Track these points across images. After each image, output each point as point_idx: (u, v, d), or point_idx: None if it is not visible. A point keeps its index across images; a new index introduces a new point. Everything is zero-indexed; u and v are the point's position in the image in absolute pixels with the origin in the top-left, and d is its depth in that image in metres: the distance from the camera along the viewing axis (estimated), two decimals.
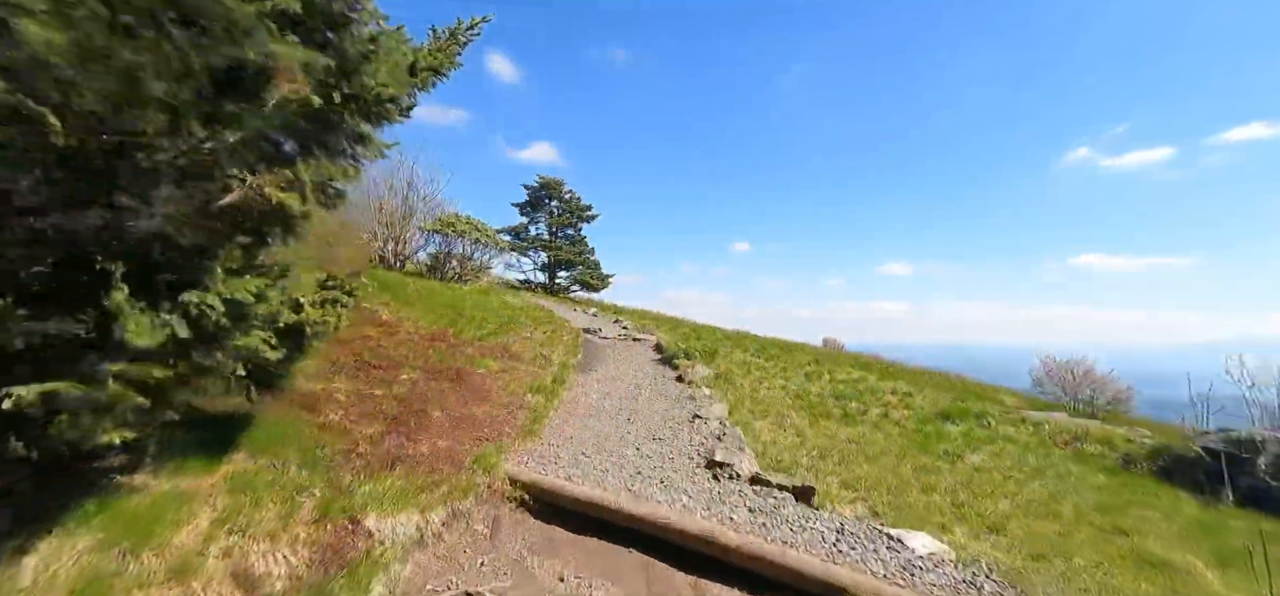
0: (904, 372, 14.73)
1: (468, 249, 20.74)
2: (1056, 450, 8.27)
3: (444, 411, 5.56)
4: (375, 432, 4.56)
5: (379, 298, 10.92)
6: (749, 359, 12.46)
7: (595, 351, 11.93)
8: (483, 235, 20.08)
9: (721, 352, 11.58)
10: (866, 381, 10.95)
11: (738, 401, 8.13)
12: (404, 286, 14.36)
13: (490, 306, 14.69)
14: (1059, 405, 13.09)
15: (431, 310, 10.85)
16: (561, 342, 11.26)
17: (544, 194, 30.74)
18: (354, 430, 4.48)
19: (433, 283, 18.02)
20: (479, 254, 21.27)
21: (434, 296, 13.71)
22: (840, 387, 10.21)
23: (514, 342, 9.98)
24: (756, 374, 10.47)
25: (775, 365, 11.95)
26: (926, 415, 9.04)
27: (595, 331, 14.64)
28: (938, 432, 8.26)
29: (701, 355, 10.75)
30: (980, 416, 9.10)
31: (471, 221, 19.99)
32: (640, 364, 10.82)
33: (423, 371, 6.61)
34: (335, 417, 4.59)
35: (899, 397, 10.05)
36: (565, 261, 30.10)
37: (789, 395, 9.19)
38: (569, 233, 30.88)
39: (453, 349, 8.20)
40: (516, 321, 12.61)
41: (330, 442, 4.18)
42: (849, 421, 8.23)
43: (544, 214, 30.88)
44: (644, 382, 9.14)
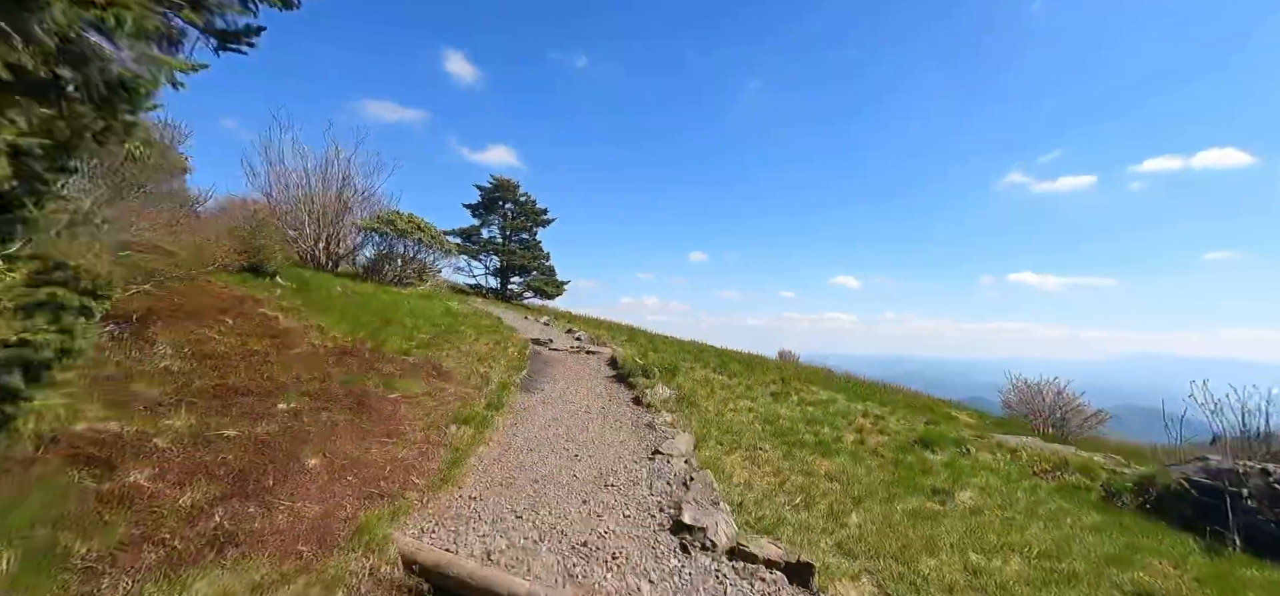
0: (872, 391, 14.08)
1: (410, 250, 18.84)
2: (1041, 483, 7.55)
3: (326, 456, 4.10)
4: (199, 500, 3.08)
5: (288, 301, 9.18)
6: (711, 375, 11.38)
7: (544, 366, 10.55)
8: (427, 235, 18.26)
9: (682, 369, 10.43)
10: (836, 402, 10.06)
11: (703, 430, 6.97)
12: (329, 289, 12.54)
13: (429, 313, 13.04)
14: (1021, 424, 12.72)
15: (352, 317, 9.20)
16: (505, 356, 9.82)
17: (498, 195, 28.97)
18: (164, 498, 2.99)
19: (368, 286, 16.12)
20: (423, 255, 19.40)
21: (363, 301, 11.97)
22: (810, 410, 9.25)
23: (448, 357, 8.48)
24: (721, 394, 9.37)
25: (739, 383, 10.92)
26: (904, 441, 8.17)
27: (546, 342, 13.23)
28: (920, 463, 7.37)
29: (661, 372, 9.57)
30: (958, 443, 8.32)
31: (414, 219, 18.15)
32: (593, 382, 9.53)
33: (313, 398, 5.10)
34: (141, 478, 3.09)
35: (872, 420, 9.18)
36: (519, 266, 28.40)
37: (758, 420, 8.13)
38: (523, 236, 29.20)
39: (366, 366, 6.66)
40: (456, 331, 11.06)
41: (112, 524, 2.70)
42: (825, 451, 7.23)
43: (497, 216, 29.10)
44: (597, 405, 7.85)
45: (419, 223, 18.17)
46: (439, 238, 18.66)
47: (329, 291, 12.12)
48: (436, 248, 18.88)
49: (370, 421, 5.03)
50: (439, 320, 11.95)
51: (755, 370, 14.91)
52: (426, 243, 18.42)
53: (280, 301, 8.90)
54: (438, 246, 18.81)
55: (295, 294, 10.25)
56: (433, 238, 18.40)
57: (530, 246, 28.99)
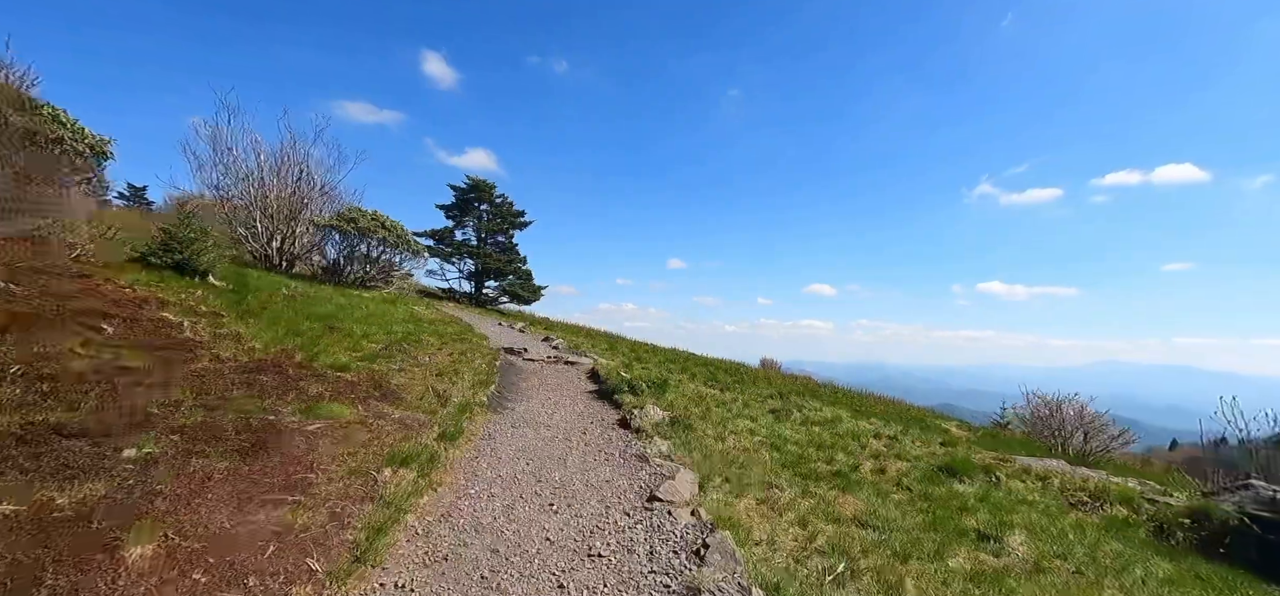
0: (872, 405, 13.06)
1: (374, 250, 17.15)
2: (1085, 518, 6.49)
3: (172, 536, 2.68)
4: None
5: (210, 304, 7.60)
6: (703, 390, 10.13)
7: (516, 380, 9.14)
8: (392, 235, 16.61)
9: (672, 383, 9.14)
10: (843, 422, 8.91)
11: (706, 463, 5.67)
12: (274, 291, 10.89)
13: (389, 319, 11.48)
14: (1032, 443, 11.79)
15: (287, 324, 7.65)
16: (471, 369, 8.37)
17: (473, 196, 27.35)
18: None
19: (325, 289, 14.43)
20: (389, 256, 17.72)
21: (308, 305, 10.36)
22: (817, 431, 8.07)
23: (399, 372, 7.01)
24: (717, 412, 8.11)
25: (735, 398, 9.68)
26: (927, 469, 7.04)
27: (520, 352, 11.80)
28: (951, 497, 6.23)
29: (649, 388, 8.27)
30: (986, 470, 7.23)
31: (378, 217, 16.49)
32: (573, 399, 8.17)
33: (187, 437, 3.64)
34: None
35: (886, 443, 8.05)
36: (494, 270, 26.80)
37: (764, 445, 6.88)
38: (500, 239, 27.62)
39: (286, 386, 5.19)
40: (417, 339, 9.56)
41: None
42: (845, 483, 6.02)
43: (472, 218, 27.47)
44: (576, 430, 6.49)
45: (384, 221, 16.52)
46: (406, 237, 17.03)
47: (271, 294, 10.48)
48: (403, 248, 17.24)
49: (266, 469, 3.59)
50: (398, 327, 10.42)
51: (747, 383, 13.73)
52: (392, 243, 16.77)
53: (198, 304, 7.31)
54: (405, 247, 17.17)
55: (226, 296, 8.62)
56: (399, 237, 16.76)
57: (506, 250, 27.43)
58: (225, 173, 15.90)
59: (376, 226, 16.10)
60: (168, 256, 9.45)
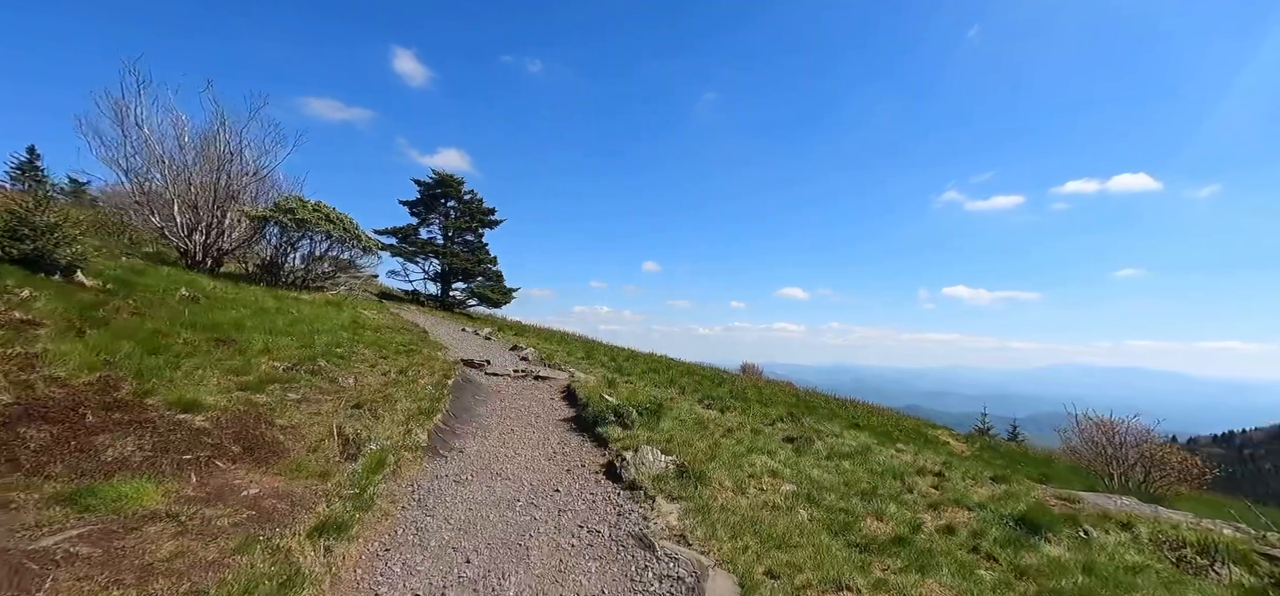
0: (882, 421, 11.51)
1: (318, 246, 14.72)
2: (1209, 588, 4.92)
3: None
4: None
5: (40, 308, 5.33)
6: (701, 412, 8.26)
7: (473, 404, 7.10)
8: (338, 229, 14.22)
9: (666, 407, 7.24)
10: (873, 452, 7.18)
11: (738, 545, 3.79)
12: (170, 292, 8.55)
13: (323, 327, 9.25)
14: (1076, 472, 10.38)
15: (147, 340, 5.43)
16: (410, 394, 6.29)
17: (439, 192, 24.91)
18: None
19: (252, 290, 12.01)
20: (337, 253, 15.30)
21: (209, 311, 8.07)
22: (849, 469, 6.29)
23: (298, 405, 4.90)
24: (727, 447, 6.23)
25: (739, 421, 7.86)
26: (1002, 522, 5.35)
27: (481, 365, 9.72)
28: (1054, 569, 4.54)
29: (641, 416, 6.37)
30: (1072, 522, 5.59)
31: (322, 209, 14.07)
32: (544, 432, 6.19)
33: None
34: None
35: (932, 481, 6.36)
36: (461, 271, 24.42)
37: (800, 500, 5.05)
38: (468, 238, 25.25)
39: (66, 443, 3.09)
40: (343, 355, 7.39)
41: None
42: (914, 554, 4.27)
43: (438, 215, 25.02)
44: (547, 488, 4.54)
45: (329, 213, 14.12)
46: (355, 231, 14.65)
47: (164, 297, 8.15)
48: (352, 243, 14.86)
49: None
50: (325, 337, 8.22)
51: (748, 399, 11.97)
52: (339, 238, 14.38)
53: (9, 311, 5.04)
54: (354, 242, 14.79)
55: (78, 299, 6.31)
56: (347, 231, 14.38)
57: (475, 249, 25.07)
58: (134, 154, 13.27)
59: (319, 219, 13.70)
60: (14, 246, 7.08)
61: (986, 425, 25.78)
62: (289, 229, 13.67)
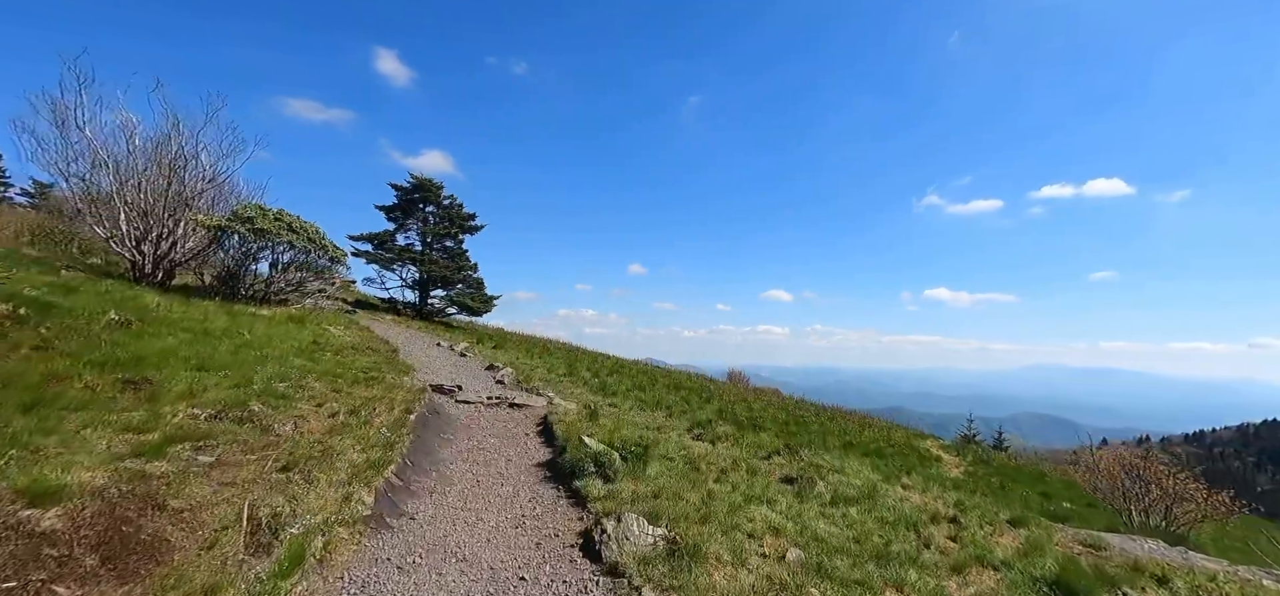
0: (856, 431, 10.91)
1: (281, 256, 13.63)
2: None
3: None
4: None
5: None
6: (689, 442, 7.48)
7: (435, 446, 6.23)
8: (301, 238, 13.15)
9: (653, 446, 6.44)
10: (879, 494, 6.48)
11: None
12: (97, 314, 7.52)
13: (271, 351, 8.28)
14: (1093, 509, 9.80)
15: (12, 384, 4.48)
16: (360, 440, 5.40)
17: (417, 196, 23.82)
18: None
19: (203, 307, 10.94)
20: (302, 263, 14.21)
21: (139, 337, 7.08)
22: (858, 518, 5.58)
23: (208, 470, 3.99)
24: (722, 497, 5.45)
25: (734, 455, 7.09)
26: (1034, 587, 4.69)
27: (451, 391, 8.83)
28: None
29: (625, 462, 5.58)
30: (1108, 585, 4.94)
31: (284, 217, 12.99)
32: (515, 484, 5.36)
33: None
34: None
35: (947, 531, 5.68)
36: (440, 278, 23.36)
37: (808, 569, 4.31)
38: (447, 244, 24.19)
39: None
40: (285, 393, 6.45)
41: None
42: None
43: (416, 220, 23.93)
44: (512, 573, 3.68)
45: (291, 222, 13.04)
46: (320, 240, 13.58)
47: (89, 321, 7.13)
48: (318, 252, 13.79)
49: None
50: (279, 366, 7.27)
51: (741, 423, 11.26)
52: (303, 247, 13.32)
53: None
54: (319, 251, 13.72)
55: None
56: (312, 241, 13.31)
57: (454, 256, 24.03)
58: (77, 158, 12.06)
59: (281, 228, 12.62)
60: None
61: (973, 431, 25.52)
62: (248, 239, 12.57)
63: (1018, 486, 12.57)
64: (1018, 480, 13.07)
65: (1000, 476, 13.16)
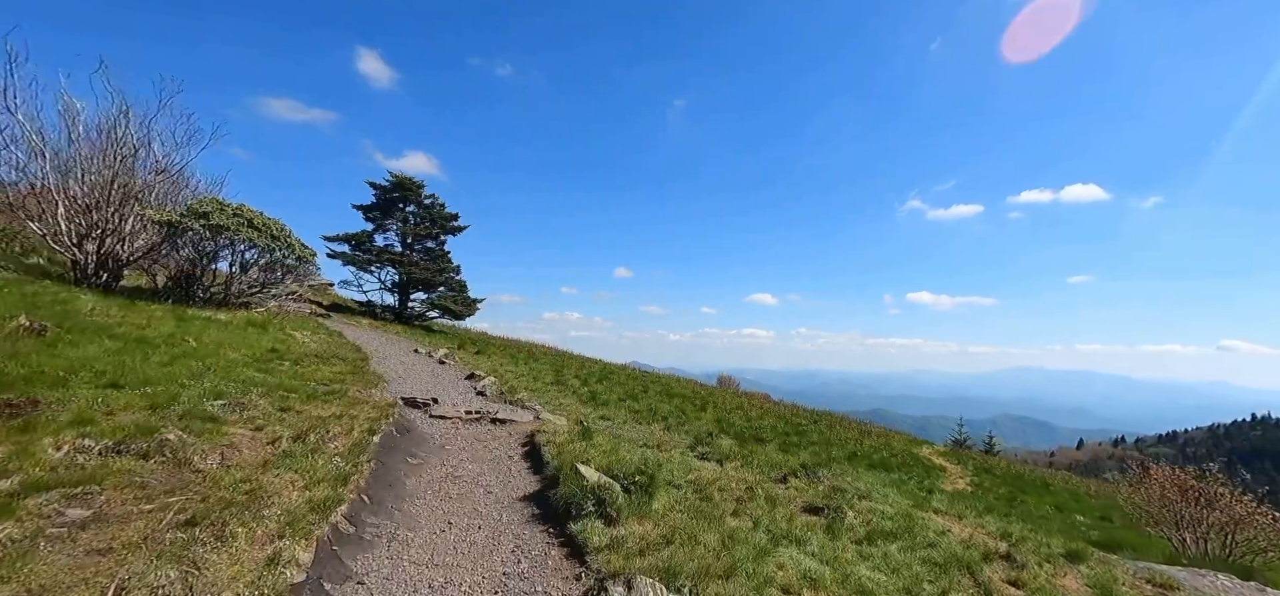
0: (880, 445, 10.11)
1: (241, 255, 12.34)
2: None
3: None
4: None
5: None
6: (700, 469, 6.52)
7: (402, 474, 5.17)
8: (265, 236, 11.89)
9: (658, 472, 5.46)
10: (917, 525, 5.59)
11: None
12: (4, 322, 6.30)
13: (218, 360, 7.13)
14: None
15: None
16: (308, 470, 4.33)
17: (397, 196, 22.52)
18: None
19: (150, 310, 9.69)
20: (266, 263, 12.92)
21: (49, 349, 5.88)
22: (899, 558, 4.69)
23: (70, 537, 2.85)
24: (745, 540, 4.49)
25: (749, 478, 6.14)
26: None
27: (425, 405, 7.75)
28: None
29: (628, 493, 4.61)
30: None
31: (244, 212, 11.71)
32: (494, 529, 4.33)
33: None
34: None
35: (1004, 570, 4.83)
36: (421, 280, 22.07)
37: None
38: (428, 245, 22.93)
39: None
40: (218, 414, 5.33)
41: None
42: None
43: (396, 220, 22.62)
44: None
45: (252, 217, 11.78)
46: (285, 238, 12.32)
47: None
48: (284, 251, 12.53)
49: None
50: (221, 378, 6.13)
51: (740, 432, 10.36)
52: (266, 246, 12.06)
53: None
54: (285, 249, 12.46)
55: None
56: (275, 238, 12.06)
57: (436, 257, 22.77)
58: (7, 145, 10.67)
59: (240, 224, 11.36)
60: None
61: (963, 436, 25.00)
62: (203, 236, 11.27)
63: (1027, 497, 11.91)
64: (1026, 490, 12.43)
65: (1007, 486, 12.49)
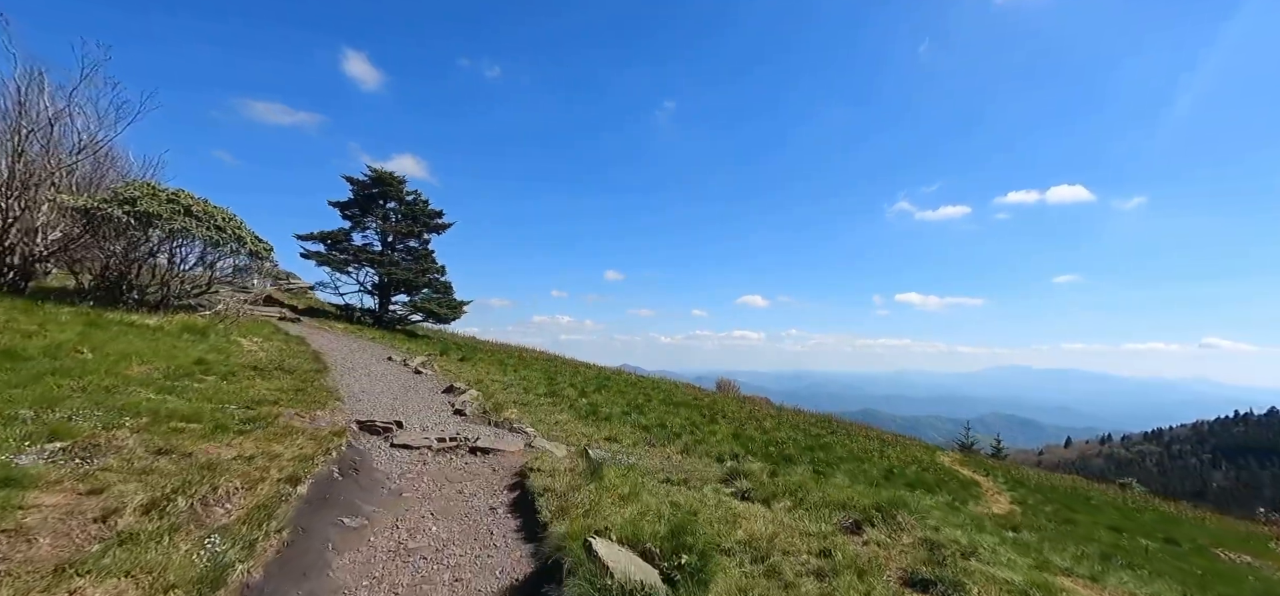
0: (906, 455, 8.57)
1: (188, 251, 10.39)
2: None
3: None
4: None
5: None
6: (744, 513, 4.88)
7: (328, 549, 3.39)
8: (208, 226, 9.95)
9: (701, 532, 3.80)
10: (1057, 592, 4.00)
11: None
12: None
13: (115, 370, 5.28)
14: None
15: None
16: (150, 571, 2.63)
17: (377, 192, 20.55)
18: None
19: (61, 314, 7.79)
20: (214, 258, 10.96)
21: None
22: None
23: None
24: None
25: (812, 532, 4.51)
26: None
27: (387, 430, 5.95)
28: None
29: (672, 587, 2.95)
30: None
31: (181, 199, 9.76)
32: None
33: None
34: None
35: None
36: (403, 282, 20.11)
37: None
38: (410, 244, 20.98)
39: None
40: (13, 473, 3.53)
41: None
42: None
43: (376, 218, 20.64)
44: None
45: (190, 204, 9.82)
46: (235, 230, 10.37)
47: None
48: (234, 245, 10.59)
49: None
50: (97, 398, 4.32)
51: (768, 453, 8.73)
52: (210, 238, 10.11)
53: None
54: (234, 243, 10.52)
55: None
56: (221, 229, 10.11)
57: (419, 257, 20.83)
58: None
59: (175, 213, 9.42)
60: None
61: (970, 440, 23.60)
62: (131, 226, 9.31)
63: (1077, 515, 10.45)
64: (1073, 507, 10.97)
65: (1052, 503, 11.03)
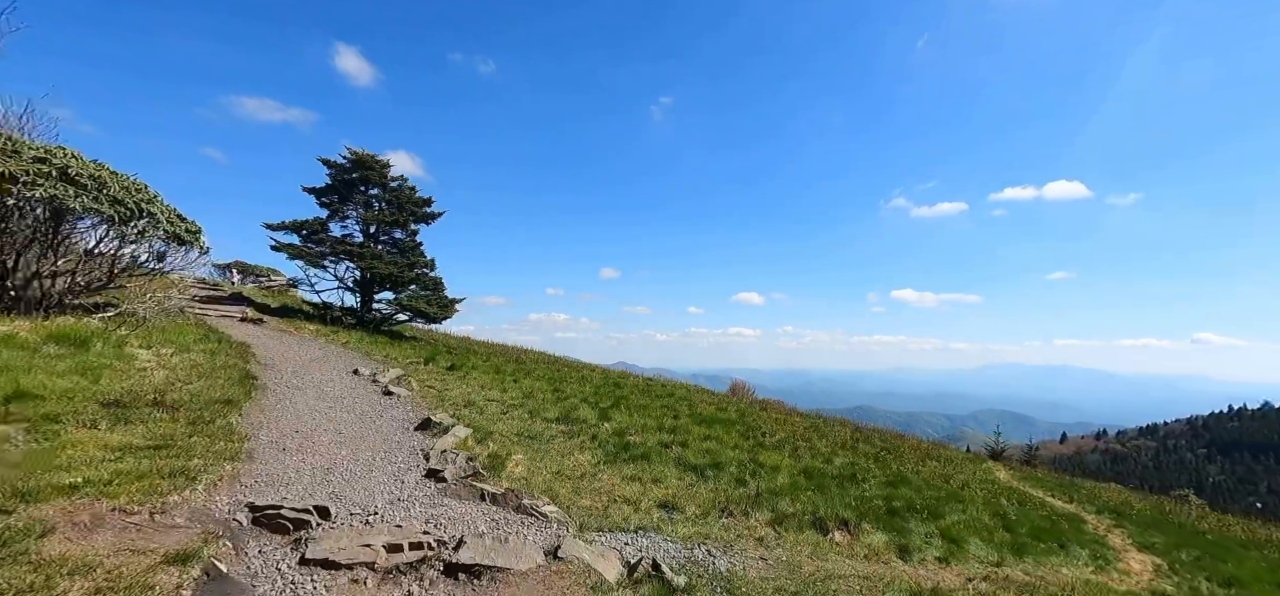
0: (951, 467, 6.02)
1: (70, 231, 7.53)
2: None
3: None
4: None
5: None
6: None
7: None
8: (101, 198, 7.10)
9: None
10: None
11: None
12: None
13: None
14: None
15: None
16: None
17: (357, 176, 17.63)
18: None
19: None
20: (119, 244, 8.09)
21: None
22: None
23: None
24: None
25: None
26: None
27: (301, 528, 3.27)
28: None
29: None
30: None
31: (55, 158, 6.89)
32: None
33: None
34: None
35: None
36: (387, 277, 17.23)
37: None
38: (396, 235, 18.10)
39: None
40: None
41: None
42: None
43: (356, 206, 17.73)
44: None
45: (67, 163, 6.94)
46: (147, 205, 7.50)
47: None
48: (145, 224, 7.71)
49: None
50: None
51: (865, 508, 6.12)
52: (101, 213, 7.24)
53: None
54: (147, 223, 7.65)
55: None
56: (121, 204, 7.23)
57: (406, 250, 17.96)
58: None
59: (45, 177, 6.55)
60: None
61: (1000, 447, 21.26)
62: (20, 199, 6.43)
63: (1228, 555, 8.08)
64: (1220, 556, 8.58)
65: (1182, 545, 8.63)
